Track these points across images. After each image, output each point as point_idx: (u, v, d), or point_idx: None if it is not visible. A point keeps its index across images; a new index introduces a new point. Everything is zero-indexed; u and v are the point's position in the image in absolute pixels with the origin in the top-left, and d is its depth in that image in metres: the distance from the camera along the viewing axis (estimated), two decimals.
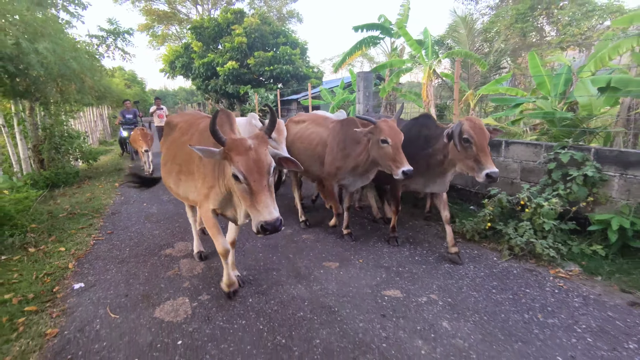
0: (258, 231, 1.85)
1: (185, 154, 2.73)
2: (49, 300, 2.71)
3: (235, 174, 1.92)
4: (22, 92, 6.17)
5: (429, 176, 3.31)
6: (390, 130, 2.99)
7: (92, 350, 2.15)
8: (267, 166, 1.92)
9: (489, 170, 2.71)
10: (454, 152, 2.96)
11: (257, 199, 1.86)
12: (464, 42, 14.56)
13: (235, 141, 1.95)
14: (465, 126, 2.81)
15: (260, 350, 2.12)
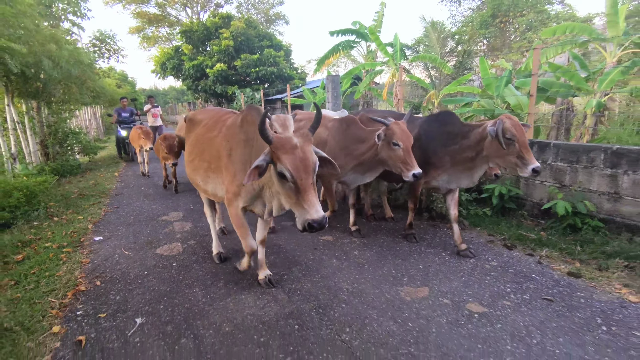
0: (304, 229, 1.85)
1: (214, 151, 2.72)
2: (78, 246, 3.75)
3: (282, 172, 1.90)
4: (34, 93, 7.13)
5: (453, 172, 3.36)
6: (402, 134, 3.04)
7: (115, 269, 3.21)
8: (313, 165, 1.91)
9: (534, 165, 2.82)
10: (493, 149, 3.01)
11: (304, 198, 1.85)
12: (435, 46, 15.77)
13: (282, 140, 1.92)
14: (507, 124, 2.88)
15: (230, 274, 3.20)
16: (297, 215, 1.91)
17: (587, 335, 2.17)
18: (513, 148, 2.89)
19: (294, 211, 1.94)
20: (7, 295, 2.73)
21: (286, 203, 2.04)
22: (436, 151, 3.34)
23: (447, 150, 3.29)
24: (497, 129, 2.89)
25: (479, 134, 3.08)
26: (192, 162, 3.07)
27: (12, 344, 2.15)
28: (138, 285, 2.92)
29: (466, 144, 3.18)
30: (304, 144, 1.92)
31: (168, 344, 2.17)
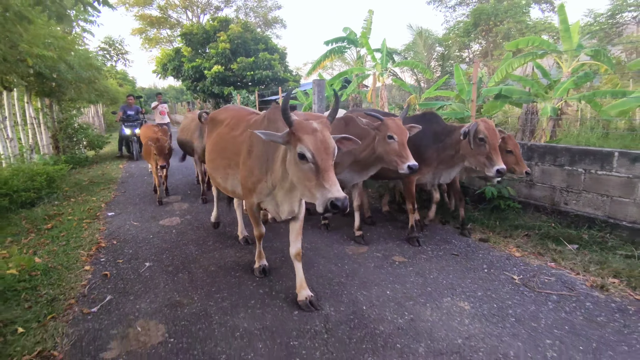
0: (326, 209, 1.84)
1: (235, 149, 2.77)
2: (95, 219, 4.59)
3: (302, 152, 1.93)
4: (48, 91, 7.96)
5: (438, 169, 3.61)
6: (396, 127, 3.10)
7: (126, 234, 4.05)
8: (332, 148, 1.98)
9: (499, 167, 3.06)
10: (467, 149, 3.23)
11: (325, 177, 1.87)
12: (422, 52, 16.68)
13: (302, 122, 1.99)
14: (481, 127, 3.10)
15: (218, 237, 4.04)
16: (318, 197, 1.88)
17: (471, 273, 3.03)
18: (483, 149, 3.11)
19: (314, 194, 1.91)
20: (46, 249, 3.57)
21: (305, 188, 1.98)
22: (426, 149, 3.52)
23: (434, 147, 3.50)
24: (470, 129, 3.13)
25: (457, 135, 3.33)
26: (213, 161, 3.13)
27: (58, 276, 2.99)
28: (145, 244, 3.76)
29: (448, 143, 3.43)
30: (323, 128, 2.00)
31: (169, 276, 3.02)
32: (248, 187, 2.57)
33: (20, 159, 6.42)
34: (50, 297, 2.65)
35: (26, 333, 2.22)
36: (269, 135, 2.06)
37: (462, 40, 16.09)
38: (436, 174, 3.64)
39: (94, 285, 2.89)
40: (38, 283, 2.83)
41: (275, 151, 2.32)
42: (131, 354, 2.07)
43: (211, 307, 2.54)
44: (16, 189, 5.02)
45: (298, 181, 2.06)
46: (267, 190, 2.47)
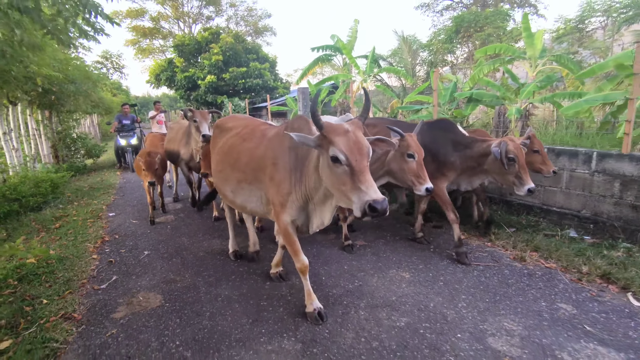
0: (364, 212, 1.78)
1: (253, 161, 2.63)
2: (98, 218, 5.14)
3: (335, 155, 1.86)
4: (49, 104, 8.51)
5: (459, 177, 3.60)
6: (417, 146, 3.02)
7: (127, 230, 4.61)
8: (367, 148, 1.91)
9: (531, 186, 3.05)
10: (495, 167, 3.20)
11: (360, 179, 1.81)
12: (406, 57, 17.41)
13: (333, 125, 1.94)
14: (510, 147, 3.06)
15: (207, 230, 4.61)
16: (355, 201, 1.82)
17: (418, 252, 3.62)
18: (513, 168, 3.09)
19: (351, 198, 1.85)
20: (57, 244, 4.11)
21: (341, 192, 1.91)
22: (447, 156, 3.48)
23: (456, 155, 3.46)
24: (501, 150, 3.04)
25: (482, 149, 3.27)
26: (222, 172, 2.96)
27: (71, 263, 3.54)
28: (144, 237, 4.32)
29: (469, 154, 3.37)
30: (355, 129, 1.94)
31: (165, 261, 3.59)
32: (279, 202, 2.38)
33: (24, 167, 6.94)
34: (66, 279, 3.21)
35: (50, 303, 2.78)
36: (301, 137, 1.97)
37: (445, 47, 16.87)
38: (456, 182, 3.62)
39: (102, 269, 3.45)
40: (54, 269, 3.39)
41: (305, 159, 2.23)
42: (135, 314, 2.64)
43: (199, 282, 3.11)
44: (24, 194, 5.56)
45: (333, 186, 1.98)
46: (299, 204, 2.34)
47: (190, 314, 2.61)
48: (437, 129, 3.60)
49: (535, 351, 2.11)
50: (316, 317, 2.43)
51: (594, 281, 2.90)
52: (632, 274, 2.85)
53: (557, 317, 2.45)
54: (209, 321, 2.52)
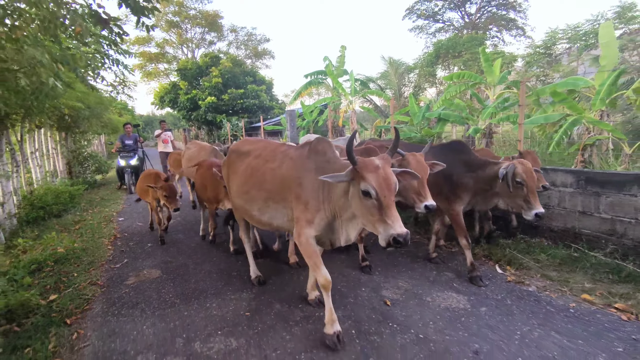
0: (389, 244, 1.95)
1: (278, 181, 2.75)
2: (110, 222, 6.21)
3: (367, 190, 2.04)
4: (66, 127, 9.72)
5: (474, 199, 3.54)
6: (417, 165, 3.08)
7: (134, 230, 5.67)
8: (394, 184, 2.08)
9: (538, 211, 2.96)
10: (504, 191, 3.16)
11: (387, 213, 1.97)
12: (393, 79, 18.74)
13: (365, 161, 2.11)
14: (519, 169, 3.00)
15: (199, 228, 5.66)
16: (381, 232, 1.99)
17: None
18: (521, 192, 3.02)
19: (377, 228, 2.02)
20: (79, 240, 5.17)
21: (367, 222, 2.10)
22: (461, 177, 3.44)
23: (469, 176, 3.42)
24: (508, 172, 3.02)
25: (493, 171, 3.22)
26: (247, 193, 3.06)
27: (92, 252, 4.60)
28: (147, 235, 5.39)
29: (481, 176, 3.34)
30: (385, 165, 2.09)
31: (164, 250, 4.65)
32: (306, 219, 2.49)
33: (46, 181, 8.07)
34: (89, 261, 4.26)
35: (79, 276, 3.82)
36: (336, 177, 2.16)
37: (428, 70, 18.22)
38: (472, 203, 3.59)
39: (115, 255, 4.51)
40: (80, 255, 4.44)
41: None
42: (141, 281, 3.68)
43: (189, 262, 4.16)
44: (48, 203, 6.64)
45: (362, 215, 2.15)
46: (326, 221, 2.47)
47: (180, 281, 3.65)
48: (449, 150, 3.61)
49: (409, 296, 3.13)
50: (335, 342, 2.39)
51: (480, 257, 3.92)
52: (504, 251, 3.87)
53: (439, 280, 3.47)
54: (193, 285, 3.56)
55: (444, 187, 3.48)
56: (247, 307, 3.05)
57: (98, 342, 2.61)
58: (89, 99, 8.48)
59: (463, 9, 30.26)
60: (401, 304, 3.02)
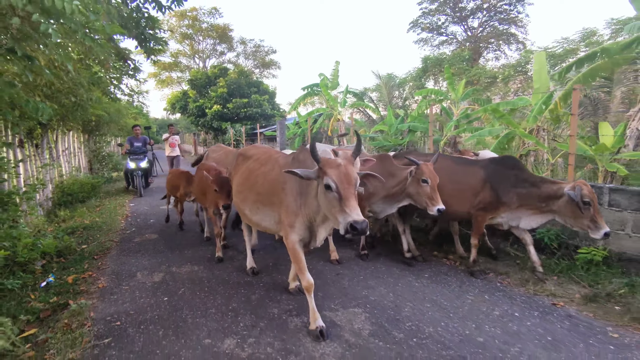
0: (347, 231, 2.12)
1: (267, 184, 2.99)
2: (123, 206, 7.86)
3: (328, 183, 2.24)
4: (90, 130, 11.51)
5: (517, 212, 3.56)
6: (430, 173, 3.43)
7: (141, 211, 7.30)
8: (354, 179, 2.27)
9: (607, 230, 3.05)
10: (568, 210, 3.21)
11: (346, 203, 2.16)
12: (384, 93, 20.27)
13: (328, 159, 2.34)
14: (585, 190, 3.08)
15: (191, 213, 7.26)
16: (340, 221, 2.18)
17: None
18: (588, 212, 3.08)
19: (338, 218, 2.20)
20: (100, 219, 6.79)
21: (331, 213, 2.29)
22: (505, 191, 3.51)
23: (514, 191, 3.47)
24: (577, 193, 3.06)
25: (553, 191, 3.27)
26: (241, 193, 3.33)
27: (109, 224, 6.22)
28: (151, 214, 7.00)
29: (535, 193, 3.37)
30: (346, 163, 2.31)
31: (163, 224, 6.24)
32: (289, 223, 2.70)
33: (72, 175, 9.80)
34: (108, 229, 5.87)
35: (101, 237, 5.42)
36: (304, 172, 2.38)
37: (416, 83, 19.71)
38: (514, 217, 3.60)
39: (127, 226, 6.12)
40: (101, 226, 6.05)
41: (309, 186, 2.55)
42: (144, 240, 5.27)
43: (179, 231, 5.73)
44: (75, 191, 8.33)
45: (325, 209, 2.35)
46: (305, 225, 2.67)
47: (170, 241, 5.23)
48: (501, 165, 3.67)
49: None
50: (318, 335, 2.58)
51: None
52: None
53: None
54: (177, 242, 5.15)
55: (487, 197, 3.60)
56: (209, 253, 4.62)
57: (114, 266, 4.20)
58: (110, 108, 10.25)
59: (465, 24, 31.68)
60: None
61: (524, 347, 2.48)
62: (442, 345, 2.52)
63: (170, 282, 3.73)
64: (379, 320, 2.84)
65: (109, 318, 2.98)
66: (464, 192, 3.75)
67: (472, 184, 3.71)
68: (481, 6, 29.62)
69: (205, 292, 3.45)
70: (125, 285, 3.66)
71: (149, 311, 3.10)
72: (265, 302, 3.24)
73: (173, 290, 3.52)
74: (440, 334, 2.67)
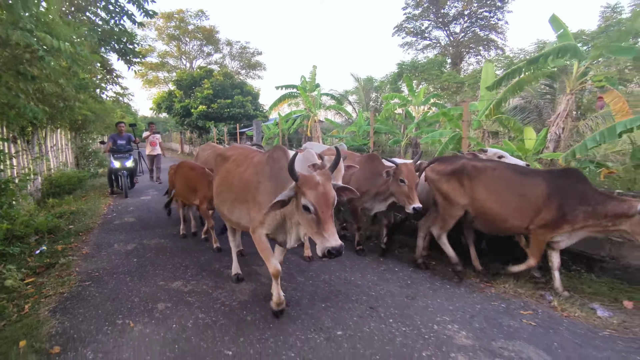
0: (324, 255, 2.14)
1: (242, 184, 3.02)
2: (106, 197, 8.75)
3: (306, 205, 2.20)
4: (77, 127, 12.31)
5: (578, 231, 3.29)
6: (408, 173, 3.60)
7: (123, 201, 8.21)
8: (333, 199, 2.24)
9: None
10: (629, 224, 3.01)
11: (324, 228, 2.15)
12: (361, 95, 21.39)
13: (306, 177, 2.27)
14: None
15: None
16: (317, 243, 2.19)
17: None
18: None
19: (315, 239, 2.21)
20: (85, 206, 7.69)
21: (308, 232, 2.31)
22: (571, 207, 3.21)
23: (582, 209, 3.18)
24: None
25: (621, 209, 3.05)
26: (220, 194, 3.38)
27: (93, 210, 7.13)
28: (132, 204, 7.92)
29: (601, 211, 3.12)
30: (325, 182, 2.24)
31: (141, 210, 7.18)
32: (259, 220, 2.74)
33: (59, 169, 10.62)
34: (92, 214, 6.79)
35: (85, 219, 6.34)
36: (283, 195, 2.35)
37: (392, 87, 20.87)
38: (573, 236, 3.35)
39: (108, 212, 7.06)
40: (86, 211, 6.96)
41: (284, 184, 2.49)
42: (122, 223, 6.22)
43: (152, 215, 6.67)
44: (63, 184, 9.18)
45: (303, 225, 2.37)
46: (276, 222, 2.69)
47: (145, 223, 6.18)
48: (566, 177, 3.33)
49: None
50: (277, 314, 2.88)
51: None
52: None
53: None
54: (152, 224, 6.10)
55: (548, 213, 3.25)
56: (175, 231, 5.59)
57: (95, 240, 5.17)
58: (96, 108, 11.10)
59: (448, 29, 33.03)
60: None
61: (388, 288, 3.54)
62: (328, 285, 3.57)
63: (140, 250, 4.72)
64: (290, 270, 3.88)
65: (90, 271, 3.96)
66: (522, 205, 3.36)
67: (533, 198, 3.32)
68: (463, 13, 31.02)
69: (167, 256, 4.46)
70: (104, 252, 4.63)
71: (120, 267, 4.09)
72: (211, 261, 4.26)
73: (141, 255, 4.52)
74: (331, 279, 3.72)
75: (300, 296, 3.32)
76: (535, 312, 3.07)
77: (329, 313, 3.02)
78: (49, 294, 3.35)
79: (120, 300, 3.27)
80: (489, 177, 3.52)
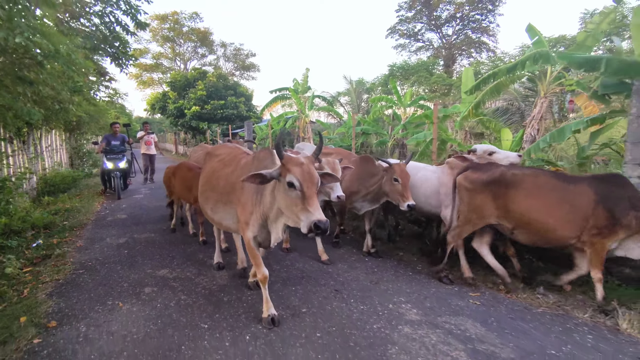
0: (310, 230, 2.17)
1: (227, 185, 3.06)
2: (100, 195, 9.05)
3: (291, 181, 2.27)
4: (71, 128, 12.58)
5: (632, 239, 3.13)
6: (401, 172, 3.73)
7: (119, 205, 8.50)
8: (317, 179, 2.35)
9: None
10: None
11: (309, 202, 2.21)
12: (353, 96, 21.79)
13: (291, 157, 2.39)
14: None
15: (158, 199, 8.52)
16: (303, 219, 2.22)
17: None
18: None
19: (300, 217, 2.24)
20: (79, 204, 7.99)
21: (293, 212, 2.31)
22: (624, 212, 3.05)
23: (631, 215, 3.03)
24: None
25: None
26: (204, 193, 3.40)
27: (87, 207, 7.44)
28: (124, 202, 8.24)
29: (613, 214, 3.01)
30: (309, 163, 2.38)
31: (133, 207, 7.50)
32: (245, 220, 2.78)
33: (54, 168, 10.89)
34: (86, 211, 7.10)
35: (80, 216, 6.65)
36: (268, 172, 2.41)
37: (383, 89, 21.29)
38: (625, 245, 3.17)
39: (101, 210, 7.37)
40: (80, 209, 7.27)
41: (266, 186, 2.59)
42: (115, 219, 6.54)
43: (143, 212, 7.00)
44: (58, 183, 9.47)
45: (286, 207, 2.38)
46: (260, 222, 2.73)
47: (136, 218, 6.50)
48: (611, 183, 3.20)
49: None
50: (269, 322, 2.79)
51: None
52: None
53: None
54: (143, 220, 6.42)
55: (599, 219, 3.10)
56: (165, 226, 5.93)
57: (89, 234, 5.49)
58: (90, 110, 11.39)
59: (440, 31, 33.57)
60: None
61: (355, 275, 3.92)
62: (300, 272, 3.94)
63: (131, 243, 5.06)
64: (268, 260, 4.24)
65: (83, 261, 4.29)
66: (571, 214, 3.17)
67: (580, 206, 3.14)
68: (455, 15, 31.57)
69: (155, 248, 4.81)
70: (97, 245, 4.97)
71: (112, 258, 4.43)
72: (196, 252, 4.62)
73: (132, 247, 4.86)
74: (304, 267, 4.09)
75: (273, 281, 3.68)
76: (483, 294, 3.46)
77: (298, 294, 3.39)
78: (46, 280, 3.68)
79: (111, 285, 3.61)
80: (532, 185, 3.30)
